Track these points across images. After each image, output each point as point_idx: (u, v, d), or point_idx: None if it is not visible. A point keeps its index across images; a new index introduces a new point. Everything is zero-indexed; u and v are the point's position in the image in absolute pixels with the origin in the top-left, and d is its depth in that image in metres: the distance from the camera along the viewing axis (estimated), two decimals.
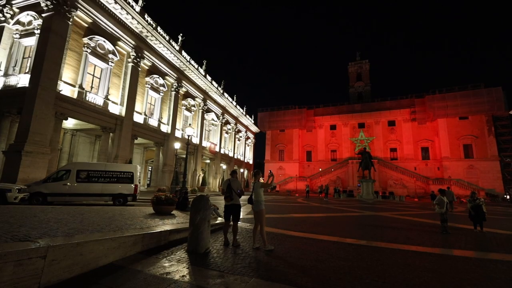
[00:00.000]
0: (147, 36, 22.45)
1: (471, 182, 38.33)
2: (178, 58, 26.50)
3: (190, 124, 27.79)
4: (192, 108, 31.33)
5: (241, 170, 47.22)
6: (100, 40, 18.84)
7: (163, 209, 8.60)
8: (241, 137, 49.39)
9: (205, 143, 34.22)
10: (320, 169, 50.01)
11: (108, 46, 19.49)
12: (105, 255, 4.12)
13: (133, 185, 13.73)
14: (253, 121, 53.19)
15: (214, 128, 37.91)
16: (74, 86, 17.14)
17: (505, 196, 36.47)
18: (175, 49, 25.83)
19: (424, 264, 4.77)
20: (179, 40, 27.32)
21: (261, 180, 8.94)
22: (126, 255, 4.51)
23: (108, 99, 19.52)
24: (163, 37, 24.00)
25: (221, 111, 38.85)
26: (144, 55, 22.81)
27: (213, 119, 37.04)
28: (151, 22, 22.68)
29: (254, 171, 6.16)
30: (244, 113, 47.43)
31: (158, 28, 23.61)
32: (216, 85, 35.57)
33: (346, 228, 9.17)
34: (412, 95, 47.69)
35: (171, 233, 5.77)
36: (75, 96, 17.06)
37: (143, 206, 12.32)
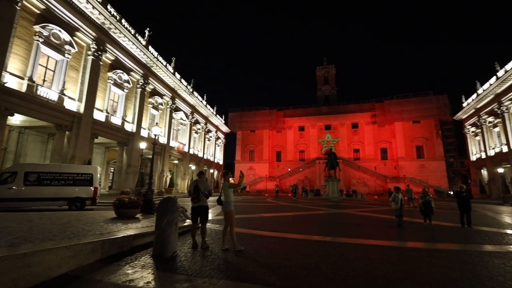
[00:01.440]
0: (110, 28, 20.99)
1: (422, 180, 42.36)
2: (144, 54, 25.21)
3: (157, 123, 26.52)
4: (160, 106, 30.04)
5: (211, 170, 46.48)
6: (55, 29, 17.11)
7: (127, 212, 8.12)
8: (211, 137, 48.63)
9: (173, 143, 33.04)
10: (289, 169, 51.30)
11: (65, 36, 17.79)
12: (59, 266, 3.76)
13: (92, 188, 12.72)
14: (223, 121, 52.69)
15: (183, 127, 36.79)
16: (22, 78, 15.32)
17: (449, 192, 41.07)
18: (141, 44, 24.53)
19: (383, 257, 5.15)
20: (146, 35, 26.01)
21: (231, 180, 8.89)
22: (84, 264, 4.17)
23: (64, 94, 17.82)
24: (128, 30, 22.65)
25: (190, 110, 37.85)
26: (107, 49, 21.27)
27: (182, 118, 35.92)
28: (115, 13, 21.24)
29: (223, 172, 6.12)
30: (214, 112, 46.77)
31: (123, 20, 22.21)
32: (185, 83, 34.57)
33: (313, 226, 9.53)
34: (373, 100, 51.28)
35: (135, 238, 5.47)
36: (23, 89, 15.27)
37: (104, 210, 11.49)
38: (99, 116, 20.89)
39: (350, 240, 6.72)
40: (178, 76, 32.37)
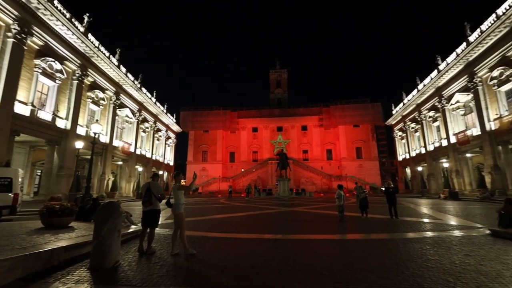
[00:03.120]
0: (37, 9, 18.06)
1: (361, 178, 47.33)
2: (82, 42, 22.39)
3: (97, 120, 23.80)
4: (101, 101, 27.10)
5: (160, 172, 43.85)
6: None
7: (58, 221, 7.08)
8: (160, 136, 45.89)
9: (117, 143, 30.16)
10: (243, 170, 51.72)
11: None
12: None
13: (11, 194, 10.74)
14: (175, 120, 50.26)
15: (129, 125, 33.89)
16: None
17: (381, 188, 46.89)
18: (78, 30, 21.73)
19: (327, 250, 5.58)
20: (85, 21, 23.19)
21: (183, 182, 8.50)
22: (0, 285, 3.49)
23: None
24: (62, 13, 19.84)
25: (138, 108, 35.08)
26: (33, 31, 18.23)
27: (127, 116, 33.04)
28: None
29: (174, 173, 5.85)
30: (165, 111, 44.28)
31: (55, 1, 19.38)
32: (132, 78, 31.90)
33: (265, 225, 9.79)
34: (320, 104, 55.27)
35: (67, 249, 4.81)
36: None
37: (27, 220, 9.82)
38: (21, 109, 17.81)
39: (299, 236, 7.11)
40: (123, 69, 29.70)
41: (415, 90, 36.29)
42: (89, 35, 23.50)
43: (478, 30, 22.84)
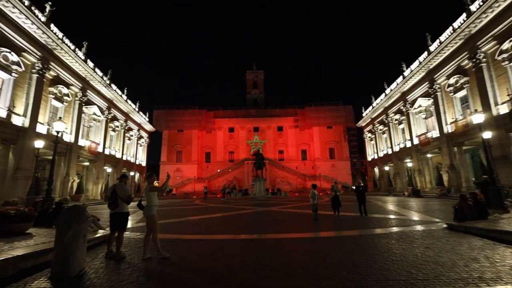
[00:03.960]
0: None
1: (333, 177, 49.17)
2: (44, 32, 20.60)
3: (61, 118, 21.98)
4: (66, 98, 25.17)
5: (131, 173, 41.85)
6: None
7: (13, 228, 6.45)
8: (132, 136, 43.79)
9: (83, 142, 28.22)
10: (219, 170, 51.15)
11: None
12: None
13: None
14: (147, 119, 48.20)
15: (97, 124, 31.89)
16: None
17: (352, 187, 49.13)
18: (39, 19, 19.98)
19: (301, 248, 5.72)
20: (47, 10, 21.38)
21: (156, 183, 8.18)
22: None
23: None
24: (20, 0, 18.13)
25: (107, 105, 33.12)
26: None
27: (95, 114, 31.06)
28: None
29: (147, 174, 5.64)
30: (137, 109, 42.30)
31: None
32: (101, 73, 30.06)
33: (241, 225, 9.77)
34: (296, 105, 56.52)
35: (24, 258, 4.40)
36: None
37: None
38: None
39: (274, 235, 7.20)
40: (91, 64, 27.88)
41: (383, 94, 38.56)
42: (52, 25, 21.74)
43: (438, 41, 24.89)
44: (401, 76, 32.56)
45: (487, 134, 12.11)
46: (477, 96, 21.00)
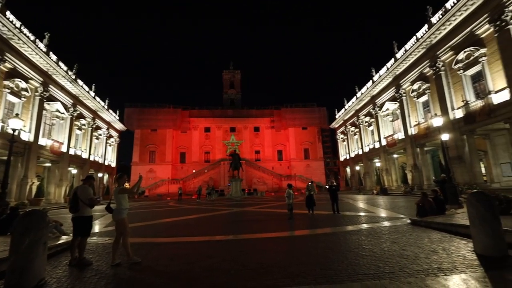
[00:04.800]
0: None
1: (308, 177, 50.50)
2: None
3: (18, 114, 20.08)
4: (24, 93, 23.02)
5: (100, 174, 39.48)
6: None
7: None
8: (100, 135, 41.28)
9: (44, 141, 26.03)
10: (194, 171, 50.13)
11: None
12: None
13: None
14: (118, 117, 45.76)
15: (60, 122, 29.61)
16: None
17: (326, 186, 50.94)
18: None
19: (276, 247, 5.79)
20: None
21: (127, 185, 7.78)
22: None
23: None
24: None
25: (72, 102, 30.87)
26: None
27: (59, 111, 28.81)
28: None
29: (118, 175, 5.34)
30: (106, 107, 39.93)
31: None
32: (65, 68, 27.96)
33: (216, 226, 9.65)
34: (272, 106, 57.25)
35: None
36: None
37: None
38: None
39: (250, 235, 7.21)
40: (54, 57, 25.84)
41: (355, 98, 40.45)
42: (8, 13, 19.81)
43: (403, 49, 26.68)
44: (370, 81, 34.40)
45: (445, 136, 13.21)
46: (437, 101, 22.85)
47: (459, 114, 20.65)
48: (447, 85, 21.87)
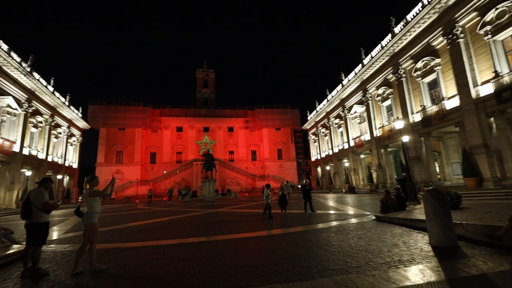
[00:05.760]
0: None
1: (281, 177, 51.44)
2: None
3: None
4: None
5: (59, 176, 36.39)
6: None
7: None
8: (60, 133, 38.02)
9: None
10: (165, 172, 48.41)
11: None
12: None
13: None
14: (81, 115, 42.52)
15: (12, 118, 26.75)
16: None
17: (298, 186, 52.29)
18: None
19: (250, 247, 5.81)
20: None
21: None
22: None
23: None
24: None
25: (26, 97, 28.02)
26: None
27: (10, 106, 25.98)
28: None
29: (89, 177, 4.93)
30: (67, 103, 36.88)
31: None
32: (18, 59, 25.34)
33: (188, 229, 9.41)
34: (246, 107, 57.43)
35: None
36: None
37: None
38: None
39: (223, 237, 7.14)
40: (5, 47, 23.30)
41: (325, 100, 42.08)
42: None
43: (370, 55, 28.37)
44: (340, 85, 36.05)
45: (405, 138, 14.29)
46: (399, 105, 24.64)
47: (417, 118, 22.47)
48: (408, 91, 23.70)
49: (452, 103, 18.98)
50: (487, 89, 16.30)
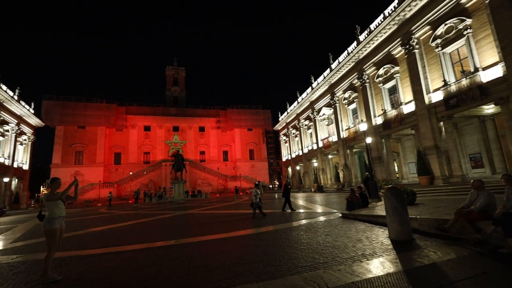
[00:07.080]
0: None
1: (253, 178, 51.73)
2: None
3: None
4: None
5: (6, 179, 32.50)
6: None
7: None
8: (7, 131, 33.98)
9: None
10: (131, 173, 45.88)
11: None
12: None
13: None
14: (33, 111, 38.45)
15: None
16: None
17: (270, 186, 53.03)
18: None
19: (221, 248, 5.74)
20: None
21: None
22: None
23: None
24: None
25: None
26: None
27: None
28: None
29: (50, 179, 4.46)
30: (16, 97, 33.11)
31: None
32: None
33: (156, 232, 9.03)
34: (218, 107, 56.78)
35: None
36: None
37: None
38: None
39: (194, 239, 6.97)
40: None
41: (296, 102, 43.28)
42: None
43: (337, 61, 29.82)
44: (310, 87, 37.34)
45: (369, 140, 15.30)
46: (363, 109, 26.25)
47: (379, 120, 24.14)
48: (371, 96, 25.36)
49: (409, 108, 20.72)
50: (438, 96, 18.11)
